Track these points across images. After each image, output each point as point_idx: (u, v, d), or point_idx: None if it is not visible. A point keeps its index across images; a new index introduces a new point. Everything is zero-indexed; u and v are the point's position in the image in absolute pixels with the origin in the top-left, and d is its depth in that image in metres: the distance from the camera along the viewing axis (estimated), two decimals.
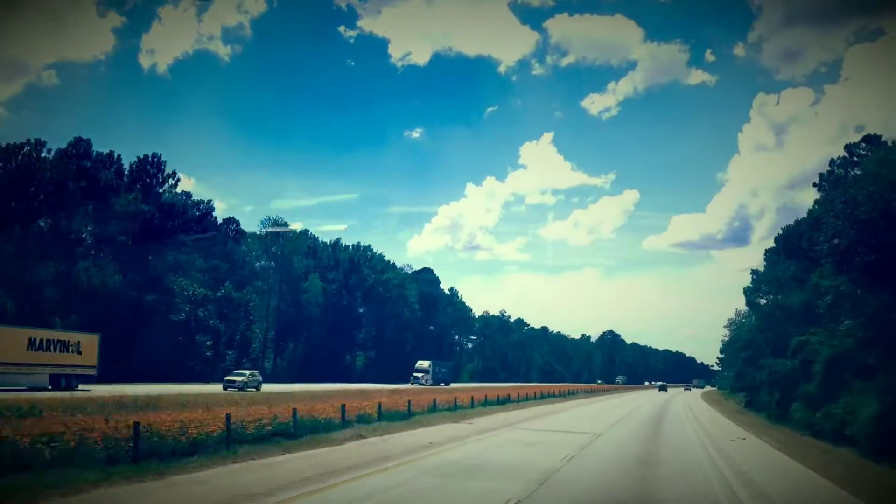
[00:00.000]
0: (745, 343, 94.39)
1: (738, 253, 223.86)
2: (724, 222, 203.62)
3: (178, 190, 70.04)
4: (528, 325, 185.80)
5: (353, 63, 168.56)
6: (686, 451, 21.35)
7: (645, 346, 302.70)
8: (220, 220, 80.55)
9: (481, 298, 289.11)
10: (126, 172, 66.17)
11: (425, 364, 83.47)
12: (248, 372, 52.90)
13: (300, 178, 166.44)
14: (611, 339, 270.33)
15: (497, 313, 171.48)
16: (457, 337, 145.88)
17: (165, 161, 67.06)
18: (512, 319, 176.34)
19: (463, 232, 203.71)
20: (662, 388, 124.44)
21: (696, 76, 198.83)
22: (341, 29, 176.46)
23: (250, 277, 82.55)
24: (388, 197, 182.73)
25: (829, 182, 46.49)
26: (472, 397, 39.54)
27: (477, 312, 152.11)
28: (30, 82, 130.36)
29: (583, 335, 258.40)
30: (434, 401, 34.02)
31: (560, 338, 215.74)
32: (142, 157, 66.90)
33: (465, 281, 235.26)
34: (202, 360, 71.98)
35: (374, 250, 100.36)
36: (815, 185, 46.99)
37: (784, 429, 38.77)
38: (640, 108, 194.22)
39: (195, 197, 74.80)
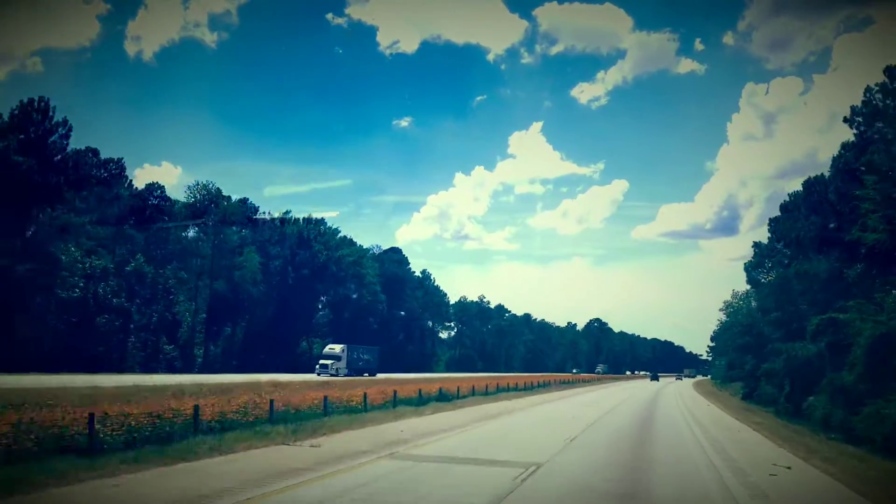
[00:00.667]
0: (743, 328, 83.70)
1: (727, 242, 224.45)
2: (712, 212, 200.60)
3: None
4: (509, 311, 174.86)
5: (340, 51, 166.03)
6: None
7: (633, 335, 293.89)
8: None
9: (470, 288, 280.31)
10: (6, 119, 54.29)
11: (337, 348, 66.78)
12: None
13: (291, 165, 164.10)
14: (597, 328, 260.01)
15: (476, 299, 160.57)
16: (430, 324, 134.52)
17: (55, 107, 54.91)
18: (492, 305, 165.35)
19: (451, 221, 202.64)
20: (654, 378, 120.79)
21: (686, 65, 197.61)
22: (329, 16, 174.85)
23: (178, 252, 70.86)
24: (377, 186, 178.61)
25: (867, 115, 35.58)
26: (395, 392, 28.49)
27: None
28: (14, 70, 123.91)
29: (568, 323, 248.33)
30: (326, 399, 23.03)
31: (544, 326, 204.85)
32: (25, 100, 54.97)
33: (453, 270, 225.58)
34: (110, 345, 60.62)
35: (329, 224, 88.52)
36: (845, 120, 36.16)
37: (817, 436, 27.91)
38: (630, 97, 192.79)
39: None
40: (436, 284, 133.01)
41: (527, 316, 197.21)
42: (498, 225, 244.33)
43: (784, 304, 53.32)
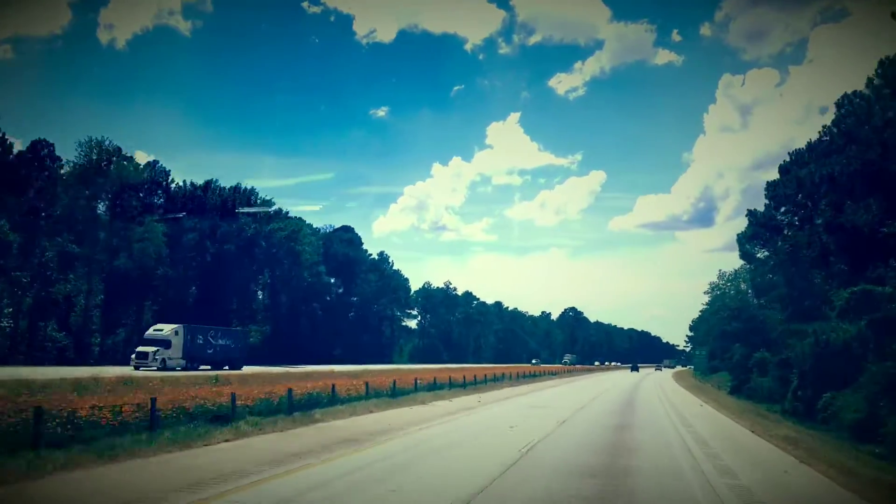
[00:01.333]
0: (731, 312, 73.56)
1: (703, 234, 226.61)
2: (689, 203, 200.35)
3: None
4: (478, 298, 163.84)
5: (316, 40, 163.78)
6: None
7: (609, 325, 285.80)
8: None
9: (447, 280, 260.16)
10: None
11: (166, 330, 44.42)
12: None
13: (271, 155, 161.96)
14: (573, 317, 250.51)
15: (441, 285, 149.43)
16: (391, 311, 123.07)
17: None
18: (459, 292, 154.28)
19: (429, 212, 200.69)
20: (634, 369, 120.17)
21: (663, 56, 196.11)
22: (305, 4, 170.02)
23: (67, 220, 58.74)
24: (356, 177, 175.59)
25: None
26: (232, 394, 17.42)
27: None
28: None
29: (543, 312, 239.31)
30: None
31: (516, 314, 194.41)
32: None
33: (431, 262, 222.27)
34: None
35: (260, 194, 76.56)
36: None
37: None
38: (607, 88, 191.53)
39: None
40: (395, 268, 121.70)
41: (498, 304, 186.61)
42: (476, 216, 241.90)
43: (794, 278, 42.88)
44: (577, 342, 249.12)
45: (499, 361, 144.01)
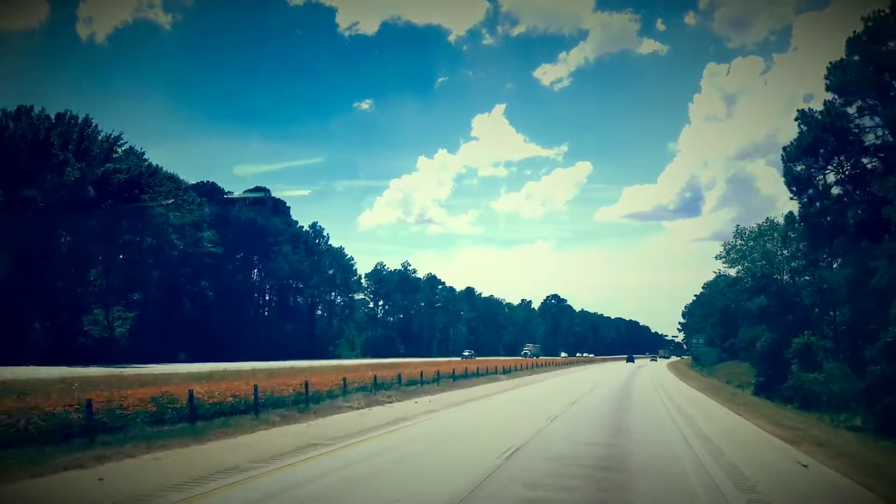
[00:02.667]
0: (756, 283, 53.11)
1: (690, 223, 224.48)
2: (675, 193, 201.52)
3: None
4: (443, 283, 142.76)
5: (299, 33, 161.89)
6: None
7: (595, 314, 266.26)
8: None
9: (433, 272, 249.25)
10: None
11: None
12: None
13: (255, 142, 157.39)
14: (555, 305, 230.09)
15: (399, 266, 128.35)
16: (329, 296, 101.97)
17: None
18: (420, 275, 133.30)
19: (415, 205, 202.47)
20: (629, 360, 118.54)
21: (648, 45, 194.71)
22: None
23: None
24: (341, 166, 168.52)
25: None
26: None
27: None
28: None
29: (522, 300, 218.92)
30: None
31: (491, 303, 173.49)
32: None
33: (417, 256, 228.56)
34: None
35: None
36: None
37: None
38: (592, 78, 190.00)
39: None
40: (334, 244, 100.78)
41: (469, 291, 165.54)
42: (462, 208, 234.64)
43: None
44: (561, 332, 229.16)
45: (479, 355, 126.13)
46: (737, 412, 25.28)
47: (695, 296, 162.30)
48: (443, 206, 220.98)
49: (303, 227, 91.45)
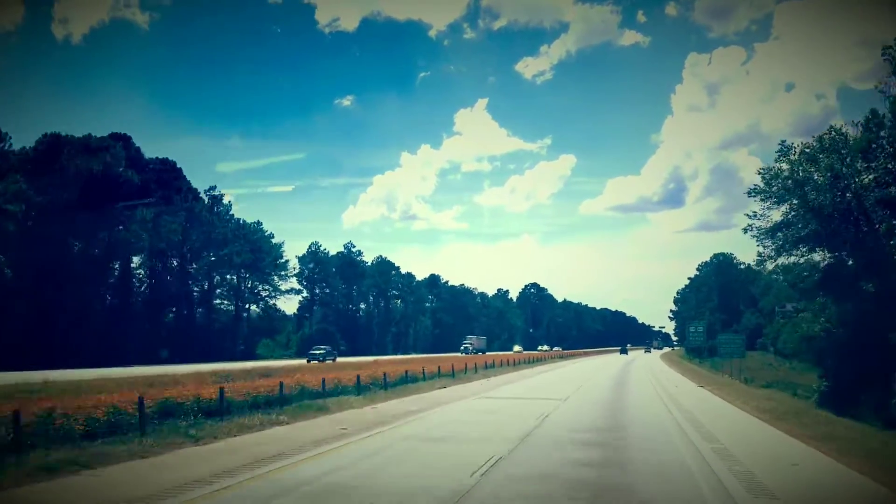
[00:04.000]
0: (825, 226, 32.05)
1: (674, 214, 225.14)
2: (659, 184, 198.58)
3: None
4: (397, 268, 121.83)
5: (278, 30, 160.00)
6: None
7: (578, 304, 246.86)
8: None
9: (419, 270, 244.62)
10: None
11: None
12: None
13: (236, 139, 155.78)
14: (535, 295, 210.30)
15: (342, 249, 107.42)
16: (246, 282, 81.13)
17: None
18: (368, 259, 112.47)
19: (399, 202, 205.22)
20: (623, 351, 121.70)
21: (630, 37, 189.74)
22: None
23: None
24: (324, 163, 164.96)
25: None
26: None
27: None
28: None
29: (499, 290, 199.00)
30: None
31: (458, 292, 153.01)
32: None
33: (402, 252, 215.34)
34: None
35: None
36: None
37: None
38: (574, 71, 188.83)
39: None
40: (249, 221, 79.90)
41: (433, 278, 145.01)
42: (446, 204, 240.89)
43: None
44: (541, 324, 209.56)
45: (436, 350, 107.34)
46: None
47: (689, 279, 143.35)
48: (427, 202, 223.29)
49: (198, 191, 70.50)
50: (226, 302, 77.59)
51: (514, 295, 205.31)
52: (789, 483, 10.47)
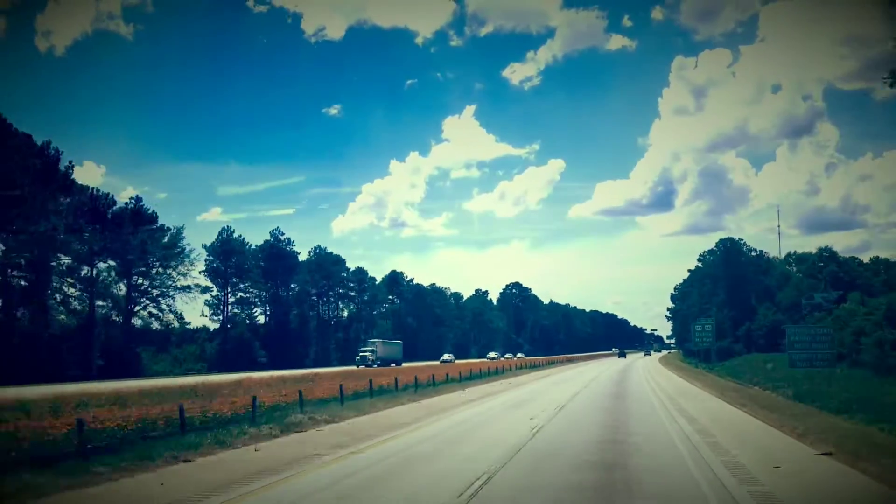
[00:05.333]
0: None
1: (663, 218, 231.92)
2: (647, 187, 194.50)
3: None
4: (342, 261, 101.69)
5: (264, 40, 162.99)
6: None
7: (566, 306, 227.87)
8: None
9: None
10: None
11: None
12: None
13: (232, 162, 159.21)
14: (517, 295, 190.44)
15: (268, 238, 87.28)
16: (110, 275, 61.06)
17: None
18: (301, 249, 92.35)
19: (388, 209, 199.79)
20: (621, 355, 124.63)
21: (616, 41, 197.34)
22: (249, 3, 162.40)
23: None
24: (314, 179, 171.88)
25: None
26: None
27: None
28: None
29: (477, 290, 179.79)
30: None
31: (424, 292, 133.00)
32: None
33: (392, 260, 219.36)
34: None
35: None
36: None
37: None
38: (562, 76, 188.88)
39: None
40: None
41: (393, 276, 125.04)
42: (435, 211, 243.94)
43: None
44: (525, 327, 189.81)
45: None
46: None
47: (689, 271, 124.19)
48: (416, 209, 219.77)
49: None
50: (78, 302, 57.33)
51: (495, 296, 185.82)
52: None
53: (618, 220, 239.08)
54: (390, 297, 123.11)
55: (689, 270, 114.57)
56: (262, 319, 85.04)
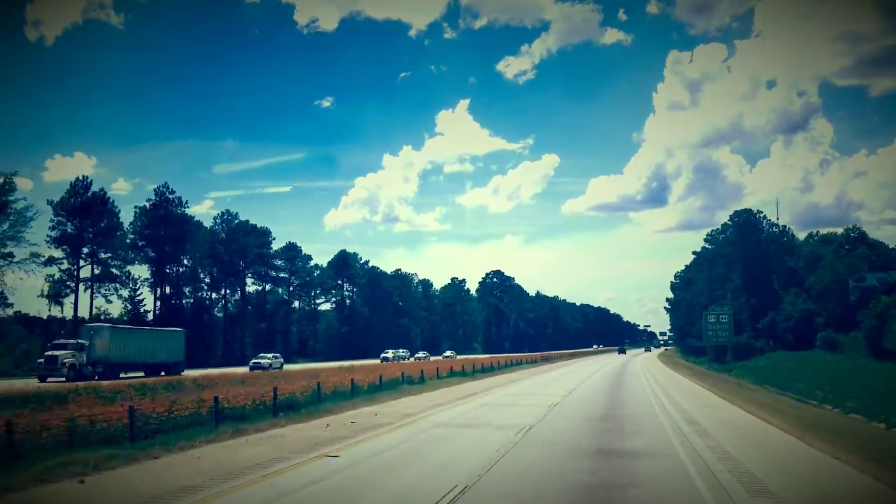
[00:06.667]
0: None
1: (657, 213, 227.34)
2: (641, 183, 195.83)
3: None
4: (267, 232, 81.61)
5: (257, 31, 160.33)
6: None
7: (555, 298, 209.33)
8: None
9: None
10: None
11: None
12: None
13: (228, 140, 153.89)
14: (498, 286, 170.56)
15: (152, 197, 67.14)
16: None
17: None
18: (193, 212, 72.09)
19: (381, 204, 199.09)
20: (622, 351, 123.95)
21: (611, 35, 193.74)
22: None
23: None
24: (303, 169, 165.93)
25: None
26: None
27: None
28: None
29: (453, 279, 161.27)
30: None
31: (382, 277, 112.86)
32: None
33: (385, 255, 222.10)
34: None
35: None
36: None
37: None
38: (556, 70, 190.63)
39: None
40: None
41: (343, 256, 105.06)
42: (428, 206, 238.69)
43: None
44: (508, 321, 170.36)
45: (347, 355, 75.15)
46: None
47: (694, 253, 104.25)
48: (409, 204, 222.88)
49: None
50: None
51: (473, 286, 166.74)
52: None
53: (611, 215, 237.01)
54: (339, 281, 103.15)
55: (693, 253, 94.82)
56: (150, 306, 64.90)
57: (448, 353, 76.86)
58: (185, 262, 69.19)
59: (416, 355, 75.46)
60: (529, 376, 43.24)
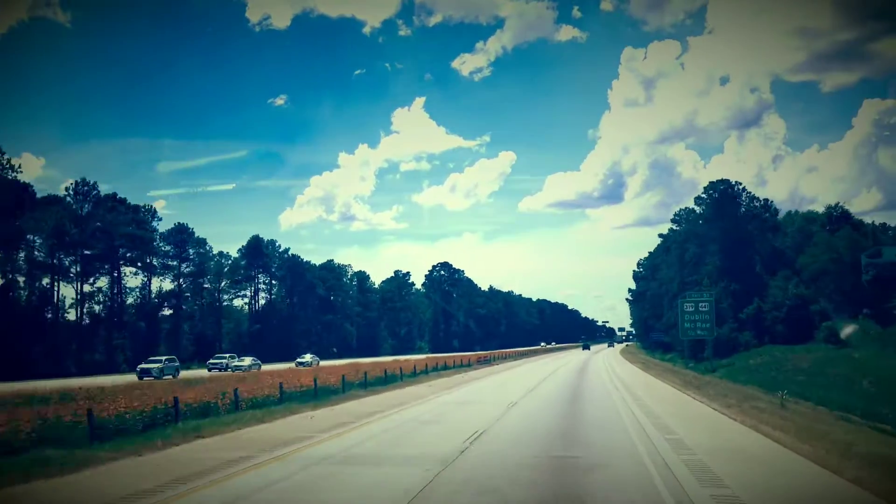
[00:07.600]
0: None
1: (613, 210, 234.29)
2: (598, 180, 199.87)
3: None
4: (152, 212, 66.53)
5: (209, 29, 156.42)
6: None
7: (509, 293, 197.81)
8: None
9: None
10: None
11: None
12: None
13: (171, 139, 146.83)
14: (446, 279, 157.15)
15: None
16: None
17: None
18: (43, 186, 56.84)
19: (337, 203, 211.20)
20: (585, 347, 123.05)
21: (566, 32, 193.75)
22: None
23: None
24: (258, 168, 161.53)
25: None
26: None
27: None
28: None
29: (396, 272, 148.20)
30: None
31: (305, 267, 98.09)
32: None
33: (341, 254, 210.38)
34: None
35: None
36: None
37: None
38: (512, 67, 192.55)
39: None
40: None
41: (257, 242, 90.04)
42: (385, 205, 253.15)
43: None
44: (456, 318, 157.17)
45: (269, 357, 64.12)
46: None
47: (660, 236, 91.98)
48: (366, 203, 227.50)
49: None
50: None
51: (419, 280, 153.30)
52: None
53: (569, 212, 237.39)
54: (252, 272, 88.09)
55: (660, 236, 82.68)
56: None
57: (307, 357, 59.73)
58: (23, 244, 53.60)
59: (234, 363, 54.54)
60: (436, 392, 29.22)
